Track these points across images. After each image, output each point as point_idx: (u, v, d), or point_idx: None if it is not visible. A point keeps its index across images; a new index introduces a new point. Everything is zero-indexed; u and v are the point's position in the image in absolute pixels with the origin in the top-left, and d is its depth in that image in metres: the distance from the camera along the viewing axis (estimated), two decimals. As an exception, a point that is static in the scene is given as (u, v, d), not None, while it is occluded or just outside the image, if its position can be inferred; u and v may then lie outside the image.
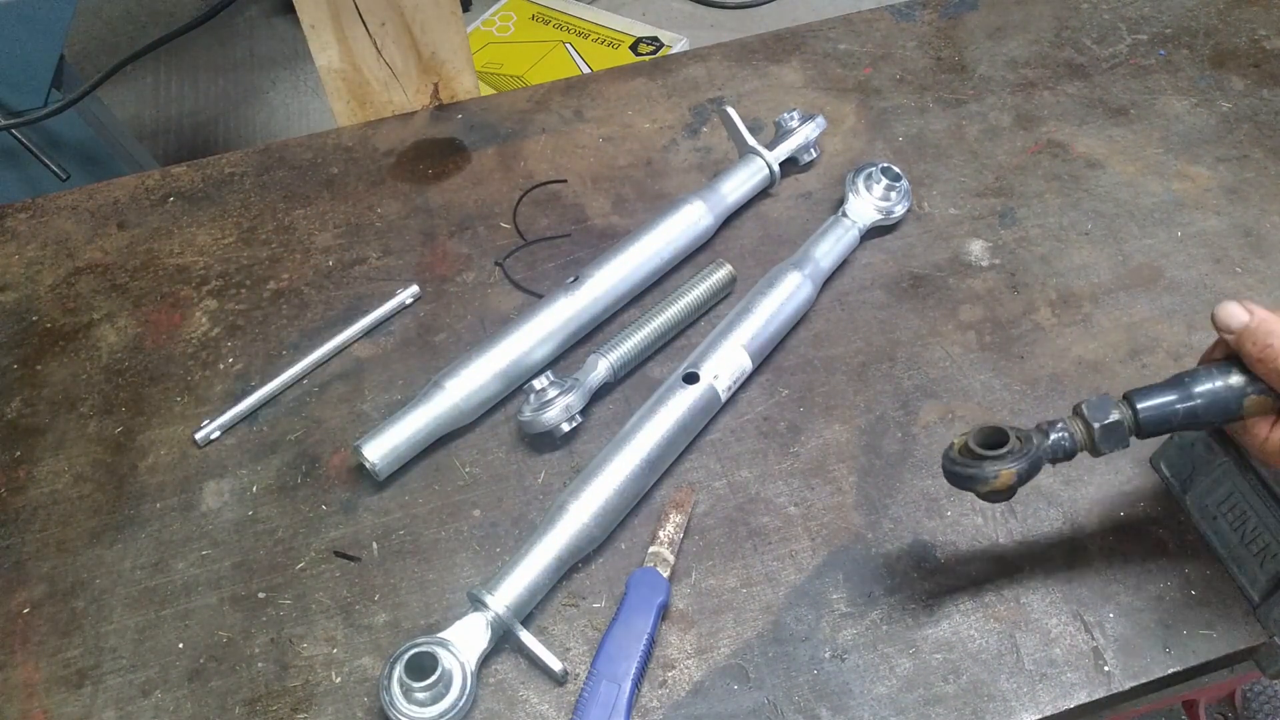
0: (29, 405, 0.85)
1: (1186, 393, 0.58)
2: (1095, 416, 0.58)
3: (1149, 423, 0.58)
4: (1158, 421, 0.58)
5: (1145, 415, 0.58)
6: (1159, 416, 0.58)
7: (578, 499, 0.71)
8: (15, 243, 0.98)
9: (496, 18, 2.06)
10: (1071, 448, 0.59)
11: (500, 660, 0.68)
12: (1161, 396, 0.59)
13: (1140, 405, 0.58)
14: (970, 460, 0.57)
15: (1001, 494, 0.57)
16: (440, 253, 0.94)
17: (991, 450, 0.57)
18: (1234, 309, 0.58)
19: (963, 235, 0.93)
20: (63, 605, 0.73)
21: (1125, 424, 0.58)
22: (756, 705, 0.66)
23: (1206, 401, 0.58)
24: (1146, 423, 0.58)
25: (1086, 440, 0.59)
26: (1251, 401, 0.57)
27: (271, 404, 0.83)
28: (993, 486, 0.56)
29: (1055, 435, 0.59)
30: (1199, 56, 1.08)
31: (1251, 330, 0.57)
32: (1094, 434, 0.58)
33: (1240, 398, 0.58)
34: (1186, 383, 0.59)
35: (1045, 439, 0.58)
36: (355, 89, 1.06)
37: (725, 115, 0.96)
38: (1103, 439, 0.58)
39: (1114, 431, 0.58)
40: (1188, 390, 0.58)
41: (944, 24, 1.15)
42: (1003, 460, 0.56)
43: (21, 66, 1.30)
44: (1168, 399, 0.58)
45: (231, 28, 2.65)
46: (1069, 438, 0.59)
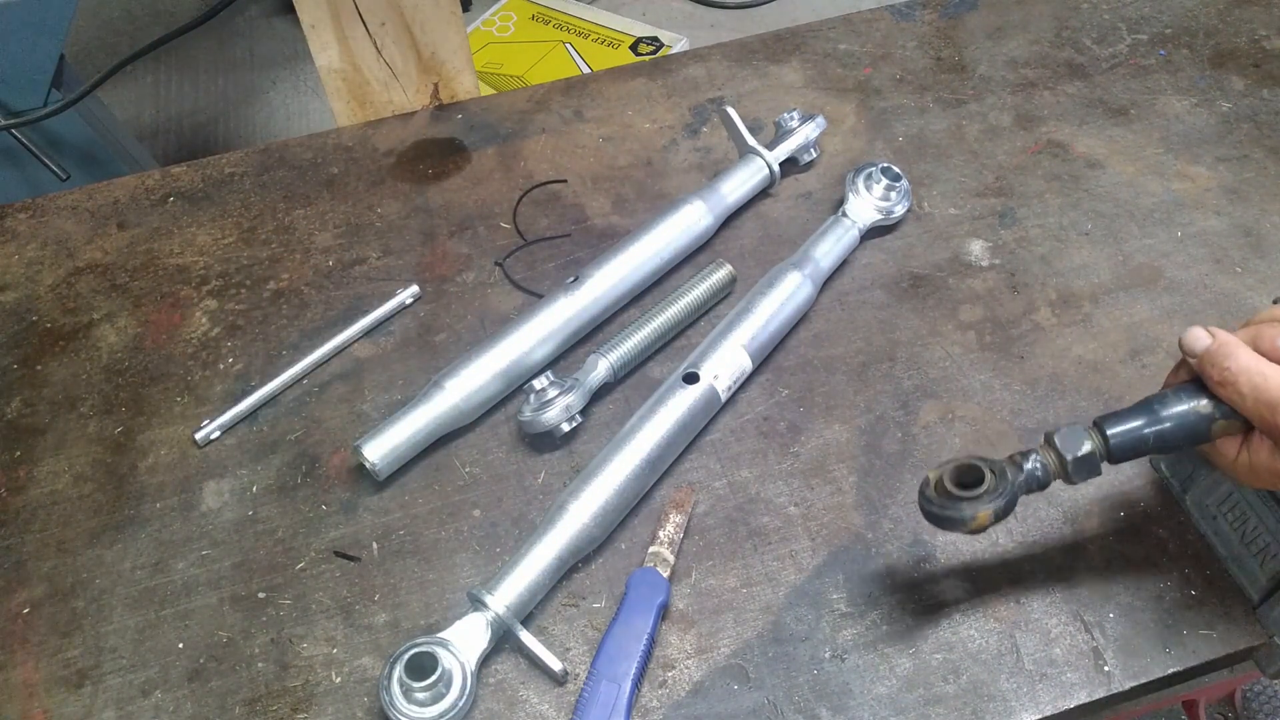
0: (29, 405, 0.85)
1: (1155, 417, 0.58)
2: (1067, 448, 0.59)
3: (1120, 449, 0.58)
4: (1129, 448, 0.58)
5: (1116, 442, 0.58)
6: (1130, 443, 0.58)
7: (578, 499, 0.71)
8: (15, 242, 0.98)
9: (496, 18, 2.06)
10: (1045, 479, 0.59)
11: (500, 660, 0.68)
12: (1131, 422, 0.58)
13: (1111, 432, 0.58)
14: (947, 501, 0.58)
15: (978, 532, 0.58)
16: (440, 253, 0.94)
17: (967, 489, 0.57)
18: (1198, 332, 0.58)
19: (963, 235, 0.93)
20: (63, 605, 0.73)
21: (1097, 453, 0.59)
22: (756, 705, 0.66)
23: (1175, 425, 0.58)
24: (1117, 449, 0.58)
25: (1059, 470, 0.59)
26: (1220, 426, 0.57)
27: (271, 404, 0.83)
28: (970, 528, 0.57)
29: (1029, 467, 0.59)
30: (1199, 56, 1.08)
31: (1212, 354, 0.56)
32: (1067, 465, 0.59)
33: (1209, 422, 0.58)
34: (1156, 408, 0.59)
35: (1019, 472, 0.59)
36: (355, 89, 1.06)
37: (725, 115, 0.96)
38: (1075, 470, 0.59)
39: (1086, 463, 0.59)
40: (1157, 415, 0.58)
41: (944, 24, 1.15)
42: (979, 501, 0.57)
43: (22, 66, 1.30)
44: (1137, 424, 0.58)
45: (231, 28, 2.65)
46: (1042, 469, 0.59)
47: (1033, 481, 0.59)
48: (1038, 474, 0.59)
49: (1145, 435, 0.58)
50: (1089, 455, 0.58)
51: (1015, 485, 0.58)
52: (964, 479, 0.58)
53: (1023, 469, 0.59)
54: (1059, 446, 0.59)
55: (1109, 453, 0.58)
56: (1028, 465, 0.59)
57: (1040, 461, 0.59)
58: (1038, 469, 0.59)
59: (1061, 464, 0.59)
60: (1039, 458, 0.59)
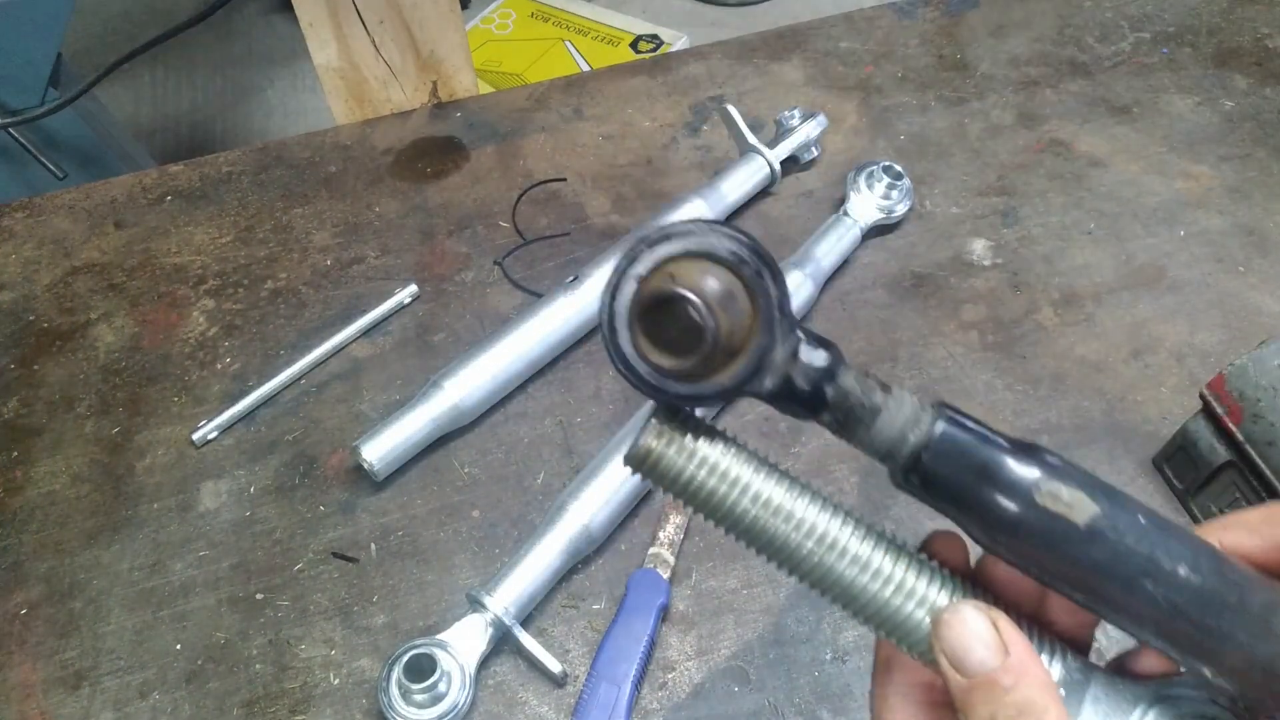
0: (26, 405, 0.84)
1: (997, 456, 0.33)
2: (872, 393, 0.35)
3: (939, 450, 0.34)
4: (947, 456, 0.34)
5: (942, 433, 0.34)
6: (955, 450, 0.34)
7: (578, 499, 0.70)
8: (12, 242, 0.97)
9: (495, 15, 2.06)
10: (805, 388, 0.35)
11: (499, 662, 0.68)
12: (977, 431, 0.34)
13: (944, 426, 0.34)
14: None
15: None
16: (439, 252, 0.94)
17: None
18: (975, 635, 0.32)
19: (965, 234, 0.92)
20: (60, 606, 0.72)
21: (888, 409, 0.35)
22: (757, 707, 0.65)
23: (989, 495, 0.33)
24: (936, 447, 0.34)
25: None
26: None
27: (269, 404, 0.83)
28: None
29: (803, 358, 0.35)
30: (1202, 55, 1.08)
31: (995, 690, 0.31)
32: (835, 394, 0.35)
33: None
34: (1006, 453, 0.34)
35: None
36: (353, 87, 1.05)
37: (726, 113, 0.96)
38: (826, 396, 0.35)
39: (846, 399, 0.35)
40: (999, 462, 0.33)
41: (946, 22, 1.14)
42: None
43: (18, 65, 1.29)
44: (978, 438, 0.34)
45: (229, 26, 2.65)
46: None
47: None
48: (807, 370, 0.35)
49: (976, 458, 0.33)
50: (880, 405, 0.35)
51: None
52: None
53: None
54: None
55: (919, 453, 0.34)
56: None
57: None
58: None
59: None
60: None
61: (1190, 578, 0.32)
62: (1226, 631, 0.32)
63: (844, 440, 0.36)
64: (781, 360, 0.34)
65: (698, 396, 0.35)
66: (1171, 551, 0.32)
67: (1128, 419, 0.78)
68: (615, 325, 0.34)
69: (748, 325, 0.34)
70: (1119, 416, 0.78)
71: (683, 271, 0.33)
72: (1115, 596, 0.33)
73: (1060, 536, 0.32)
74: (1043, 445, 0.34)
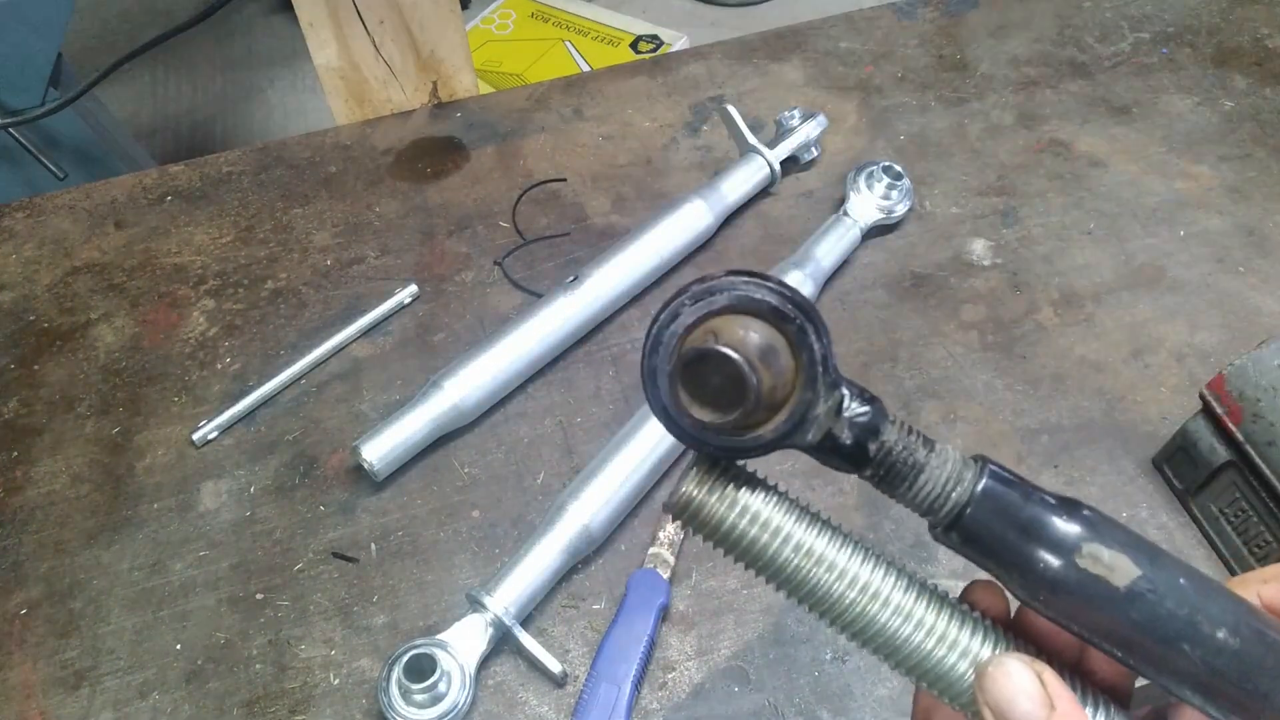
0: (26, 405, 0.84)
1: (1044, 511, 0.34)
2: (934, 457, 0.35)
3: (981, 509, 0.34)
4: (990, 514, 0.34)
5: (987, 488, 0.34)
6: (997, 508, 0.34)
7: (577, 499, 0.70)
8: (12, 242, 0.97)
9: (495, 15, 2.06)
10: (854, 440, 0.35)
11: (499, 662, 0.68)
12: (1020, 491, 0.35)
13: (987, 483, 0.34)
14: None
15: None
16: (439, 252, 0.94)
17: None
18: (1020, 688, 0.32)
19: (965, 234, 0.92)
20: (60, 606, 0.72)
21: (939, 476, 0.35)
22: (757, 707, 0.65)
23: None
24: (980, 504, 0.34)
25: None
26: None
27: (269, 404, 0.83)
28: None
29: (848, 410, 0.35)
30: (1201, 55, 1.08)
31: None
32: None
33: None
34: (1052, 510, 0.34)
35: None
36: (353, 87, 1.05)
37: (726, 114, 0.96)
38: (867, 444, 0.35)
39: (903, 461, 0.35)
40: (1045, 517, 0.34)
41: (946, 22, 1.14)
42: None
43: (19, 65, 1.29)
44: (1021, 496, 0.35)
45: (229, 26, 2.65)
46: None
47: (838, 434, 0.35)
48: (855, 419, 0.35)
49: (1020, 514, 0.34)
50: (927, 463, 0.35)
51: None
52: None
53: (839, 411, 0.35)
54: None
55: (963, 509, 0.34)
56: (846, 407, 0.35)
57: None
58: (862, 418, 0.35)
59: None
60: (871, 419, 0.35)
61: (1229, 641, 0.32)
62: (1265, 693, 0.32)
63: (884, 493, 0.36)
64: (824, 415, 0.34)
65: (739, 449, 0.34)
66: (1211, 614, 0.32)
67: (1128, 419, 0.78)
68: (656, 380, 0.34)
69: (790, 380, 0.33)
70: (1119, 416, 0.78)
71: (725, 327, 0.33)
72: (1154, 657, 0.33)
73: (1100, 598, 0.33)
74: (1083, 502, 0.34)
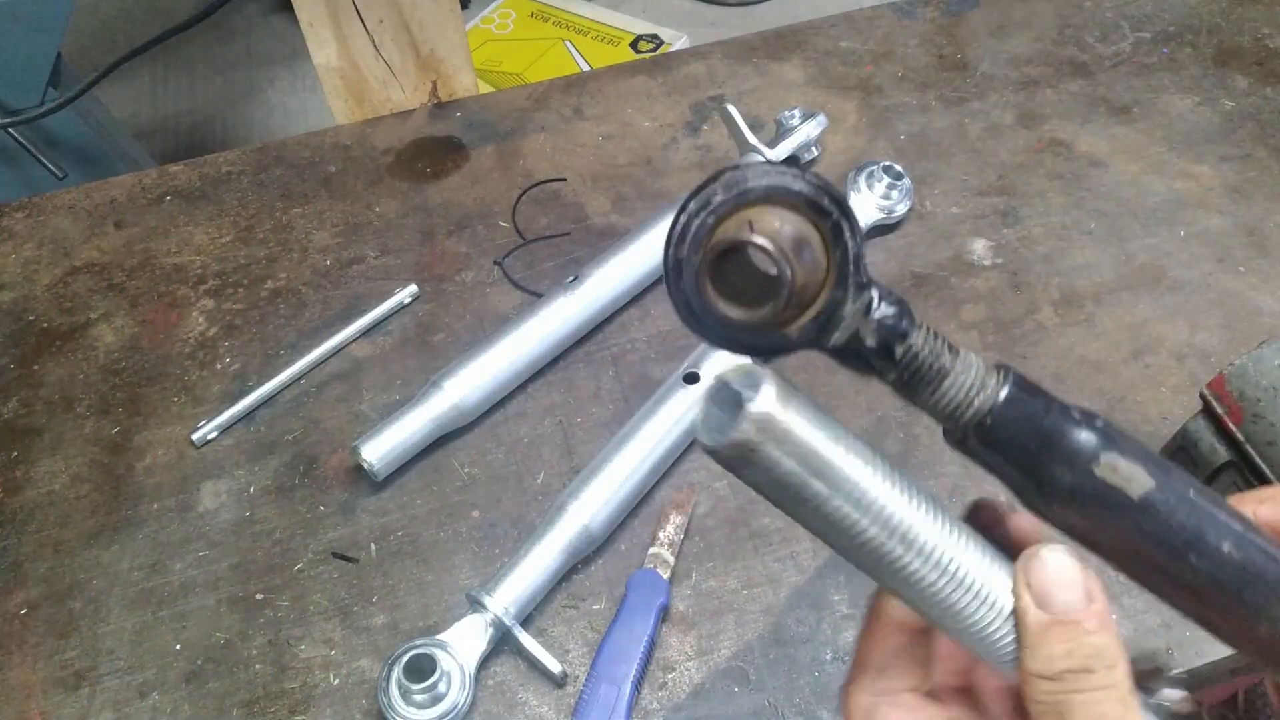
0: (25, 405, 0.84)
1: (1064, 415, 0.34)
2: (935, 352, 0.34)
3: (1004, 414, 0.34)
4: (1011, 423, 0.34)
5: (1009, 396, 0.34)
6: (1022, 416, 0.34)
7: (577, 499, 0.70)
8: (12, 242, 0.97)
9: (495, 15, 2.05)
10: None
11: (499, 662, 0.68)
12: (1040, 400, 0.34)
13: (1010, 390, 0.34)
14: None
15: None
16: (439, 252, 0.94)
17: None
18: (1065, 574, 0.32)
19: (965, 234, 0.92)
20: (60, 606, 0.72)
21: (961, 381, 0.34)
22: (757, 707, 0.65)
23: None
24: (1002, 411, 0.34)
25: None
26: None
27: (269, 404, 0.83)
28: None
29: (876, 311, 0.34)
30: (1202, 55, 1.08)
31: (1076, 633, 0.32)
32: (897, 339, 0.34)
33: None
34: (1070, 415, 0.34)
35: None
36: (353, 87, 1.05)
37: (726, 113, 0.95)
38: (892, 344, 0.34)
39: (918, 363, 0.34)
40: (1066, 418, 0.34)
41: (946, 21, 1.14)
42: None
43: (18, 65, 1.29)
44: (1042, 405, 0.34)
45: (229, 26, 2.65)
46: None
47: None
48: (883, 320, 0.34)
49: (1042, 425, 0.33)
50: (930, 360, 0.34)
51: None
52: None
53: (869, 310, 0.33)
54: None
55: (985, 416, 0.34)
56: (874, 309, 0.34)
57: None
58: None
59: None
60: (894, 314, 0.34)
61: (1233, 553, 0.33)
62: (1263, 605, 0.33)
63: (904, 399, 0.35)
64: (852, 316, 0.33)
65: (761, 348, 0.33)
66: (1218, 527, 0.33)
67: (1128, 419, 0.78)
68: (682, 273, 0.31)
69: (821, 278, 0.32)
70: (1119, 416, 0.78)
71: (760, 217, 0.31)
72: (1161, 567, 0.34)
73: (1114, 507, 0.33)
74: (1101, 416, 0.34)
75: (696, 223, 0.31)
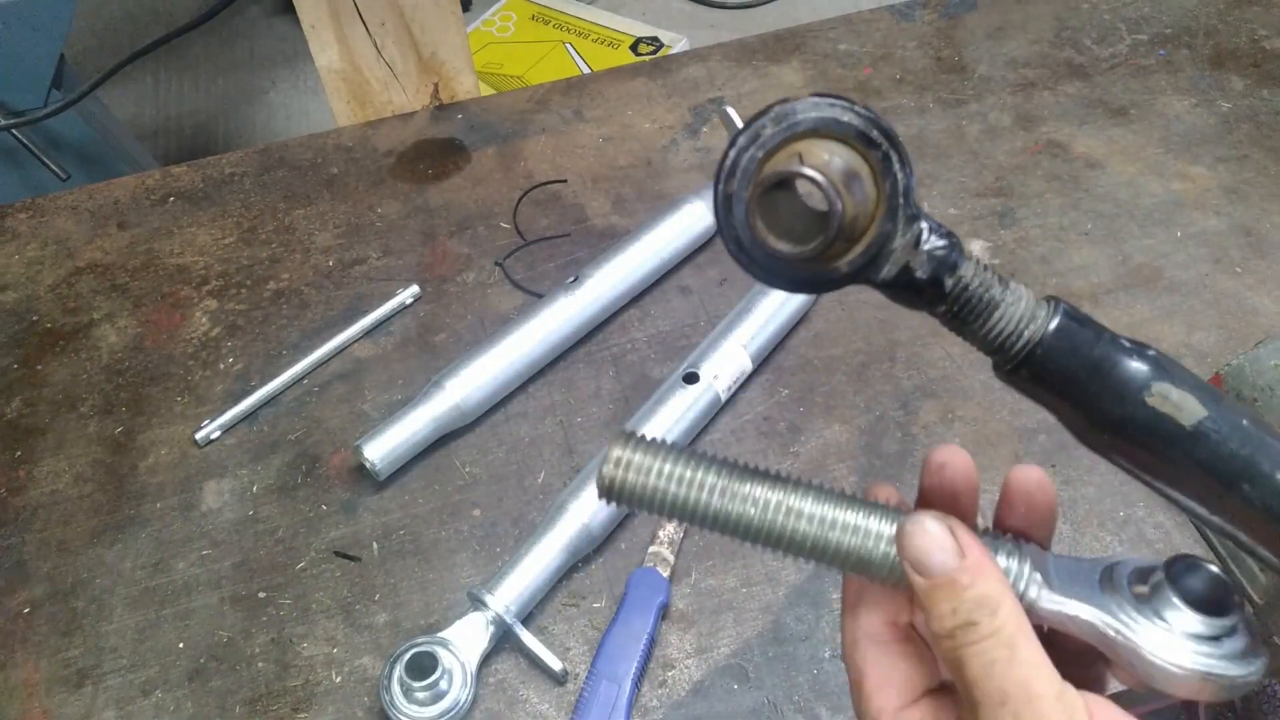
0: (29, 405, 0.85)
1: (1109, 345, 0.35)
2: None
3: (1056, 343, 0.35)
4: (1061, 351, 0.35)
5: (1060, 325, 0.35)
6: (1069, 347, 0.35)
7: (578, 498, 0.71)
8: (15, 242, 0.98)
9: (496, 18, 2.06)
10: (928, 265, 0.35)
11: (500, 660, 0.68)
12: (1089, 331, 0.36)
13: (1060, 320, 0.35)
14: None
15: None
16: (440, 252, 0.94)
17: None
18: (933, 539, 0.34)
19: (962, 235, 0.93)
20: (63, 605, 0.73)
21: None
22: (756, 705, 0.66)
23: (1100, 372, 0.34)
24: (1054, 338, 0.35)
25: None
26: None
27: (272, 404, 0.83)
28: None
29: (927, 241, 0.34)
30: (1199, 56, 1.08)
31: (956, 589, 0.33)
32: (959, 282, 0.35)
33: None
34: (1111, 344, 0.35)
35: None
36: (355, 89, 1.06)
37: (725, 115, 0.95)
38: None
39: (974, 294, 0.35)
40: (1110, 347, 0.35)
41: (944, 24, 1.15)
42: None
43: (21, 66, 1.30)
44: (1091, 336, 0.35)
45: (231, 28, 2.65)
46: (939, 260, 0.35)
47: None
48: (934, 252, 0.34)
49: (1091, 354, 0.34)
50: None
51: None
52: None
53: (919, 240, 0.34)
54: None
55: (1038, 345, 0.35)
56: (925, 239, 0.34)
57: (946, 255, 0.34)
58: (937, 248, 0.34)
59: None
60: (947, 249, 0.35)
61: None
62: None
63: (954, 332, 0.36)
64: (902, 249, 0.33)
65: (813, 282, 0.33)
66: (1272, 455, 0.33)
67: (1125, 419, 0.78)
68: (732, 208, 0.31)
69: (871, 211, 0.32)
70: (1116, 416, 0.79)
71: (809, 150, 0.31)
72: (1214, 496, 0.34)
73: (1166, 436, 0.33)
74: (1153, 347, 0.34)
75: (746, 156, 0.31)
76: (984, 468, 0.77)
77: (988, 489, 0.76)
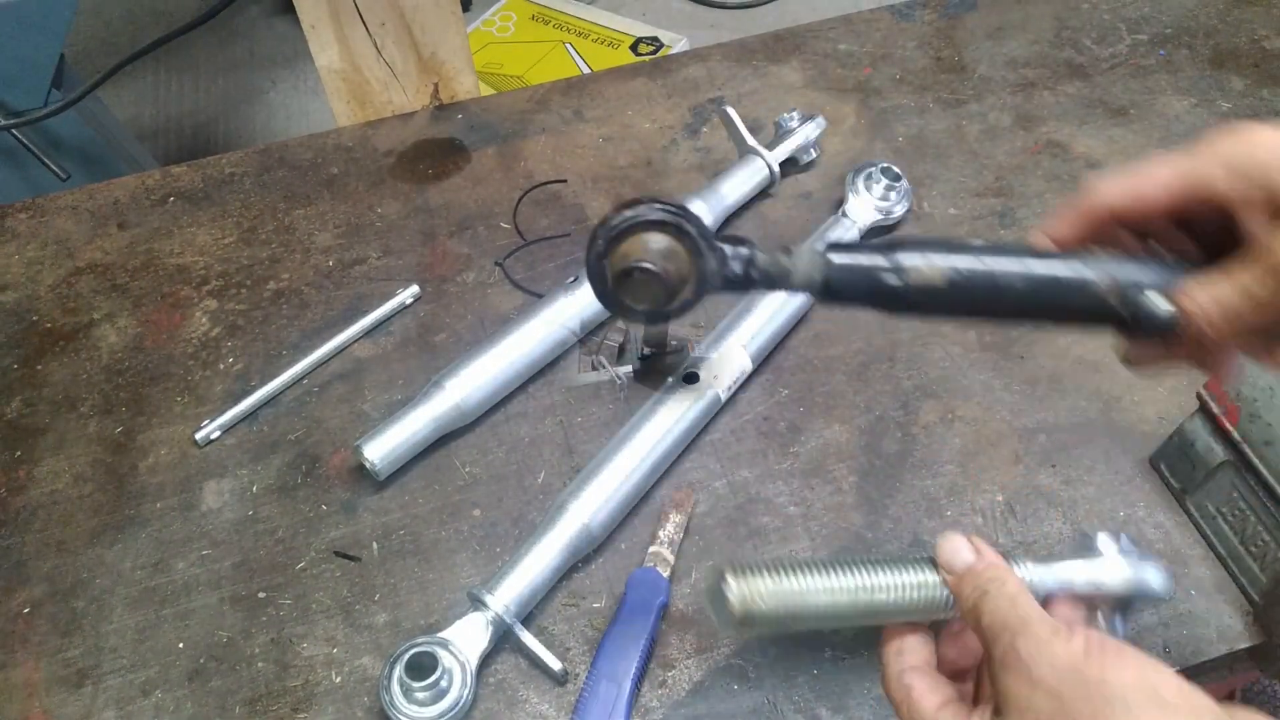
0: (29, 405, 0.85)
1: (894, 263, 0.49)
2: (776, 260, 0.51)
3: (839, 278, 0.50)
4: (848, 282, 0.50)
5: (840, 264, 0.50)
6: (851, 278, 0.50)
7: (578, 499, 0.71)
8: (15, 243, 0.98)
9: (496, 18, 2.06)
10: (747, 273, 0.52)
11: (500, 660, 0.68)
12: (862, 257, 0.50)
13: (838, 260, 0.50)
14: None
15: None
16: (440, 252, 0.94)
17: None
18: (959, 547, 0.50)
19: (963, 235, 0.93)
20: (63, 605, 0.73)
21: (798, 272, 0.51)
22: (756, 705, 0.66)
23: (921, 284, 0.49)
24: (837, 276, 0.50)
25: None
26: None
27: (272, 404, 0.83)
28: None
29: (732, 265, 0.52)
30: (1199, 57, 1.08)
31: (975, 574, 0.49)
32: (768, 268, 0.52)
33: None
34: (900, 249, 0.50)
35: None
36: (355, 89, 1.06)
37: (725, 115, 0.96)
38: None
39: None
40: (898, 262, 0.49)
41: (944, 24, 1.15)
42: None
43: (21, 66, 1.30)
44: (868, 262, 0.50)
45: (231, 28, 2.65)
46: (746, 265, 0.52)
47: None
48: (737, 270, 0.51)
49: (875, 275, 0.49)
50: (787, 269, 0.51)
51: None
52: None
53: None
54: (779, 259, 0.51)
55: (824, 282, 0.50)
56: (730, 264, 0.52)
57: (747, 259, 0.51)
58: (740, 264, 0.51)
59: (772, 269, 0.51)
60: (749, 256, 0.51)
61: (1025, 287, 0.48)
62: (1066, 306, 0.49)
63: (788, 294, 0.51)
64: (717, 268, 0.51)
65: (671, 313, 0.53)
66: (1009, 275, 0.48)
67: (1125, 419, 0.79)
68: (604, 293, 0.52)
69: (687, 259, 0.50)
70: (1116, 416, 0.79)
71: (633, 249, 0.50)
72: (989, 310, 0.50)
73: (934, 294, 0.48)
74: (904, 235, 0.47)
75: (598, 262, 0.51)
76: (984, 468, 0.77)
77: (987, 489, 0.76)
